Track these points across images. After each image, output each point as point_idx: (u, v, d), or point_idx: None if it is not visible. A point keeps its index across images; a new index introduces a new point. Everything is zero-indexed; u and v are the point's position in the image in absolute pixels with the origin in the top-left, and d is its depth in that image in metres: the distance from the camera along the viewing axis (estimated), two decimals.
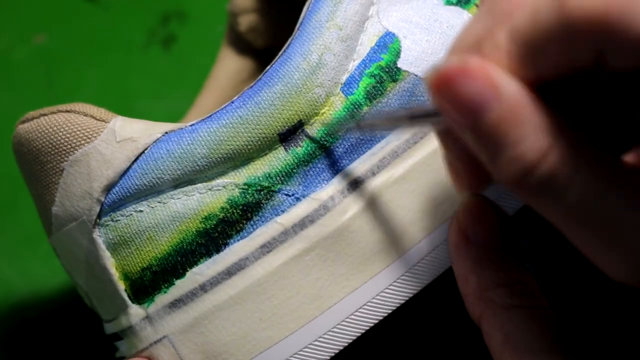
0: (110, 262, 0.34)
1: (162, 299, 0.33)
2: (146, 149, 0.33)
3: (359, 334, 0.34)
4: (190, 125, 0.33)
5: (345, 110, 0.34)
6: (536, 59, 0.26)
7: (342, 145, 0.34)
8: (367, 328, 0.34)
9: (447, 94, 0.26)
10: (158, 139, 0.33)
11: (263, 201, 0.33)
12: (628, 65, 0.25)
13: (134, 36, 0.56)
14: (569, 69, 0.26)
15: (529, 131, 0.25)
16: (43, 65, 0.55)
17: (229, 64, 0.45)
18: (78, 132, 0.33)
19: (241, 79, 0.44)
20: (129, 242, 0.33)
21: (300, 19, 0.34)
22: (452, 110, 0.26)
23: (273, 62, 0.34)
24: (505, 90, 0.25)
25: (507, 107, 0.25)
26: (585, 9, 0.24)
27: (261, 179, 0.33)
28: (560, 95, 0.26)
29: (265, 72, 0.34)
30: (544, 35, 0.25)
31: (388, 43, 0.35)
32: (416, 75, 0.34)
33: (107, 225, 0.33)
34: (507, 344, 0.30)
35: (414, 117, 0.29)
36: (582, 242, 0.27)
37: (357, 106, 0.34)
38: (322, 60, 0.34)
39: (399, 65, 0.34)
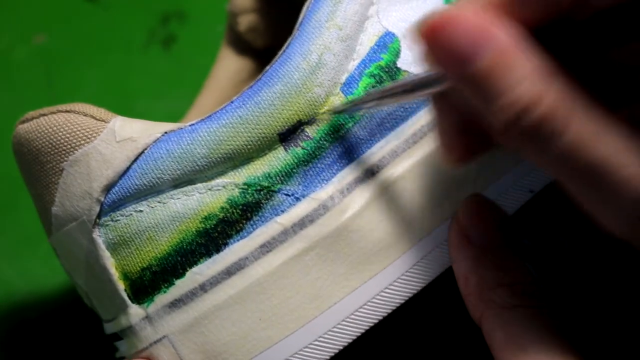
0: (110, 262, 0.34)
1: (162, 298, 0.33)
2: (146, 149, 0.33)
3: (359, 334, 0.34)
4: (190, 125, 0.33)
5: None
6: (517, 3, 0.26)
7: (342, 145, 0.34)
8: (367, 328, 0.34)
9: (437, 43, 0.26)
10: (158, 139, 0.33)
11: (263, 201, 0.33)
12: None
13: (134, 36, 0.56)
14: (551, 12, 0.26)
15: (522, 75, 0.25)
16: (43, 65, 0.55)
17: (229, 64, 0.45)
18: (78, 132, 0.33)
19: (241, 79, 0.44)
20: (128, 242, 0.33)
21: (300, 19, 0.34)
22: (444, 59, 0.26)
23: (273, 62, 0.34)
24: (496, 35, 0.25)
25: (498, 52, 0.25)
26: None
27: (261, 178, 0.33)
28: (554, 41, 0.26)
29: (265, 72, 0.34)
30: None
31: (388, 43, 0.35)
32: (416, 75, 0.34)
33: (107, 225, 0.33)
34: (508, 343, 0.30)
35: (413, 87, 0.29)
36: (575, 191, 0.27)
37: None
38: (321, 60, 0.34)
39: (398, 65, 0.34)
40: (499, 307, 0.31)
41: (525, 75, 0.25)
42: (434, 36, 0.26)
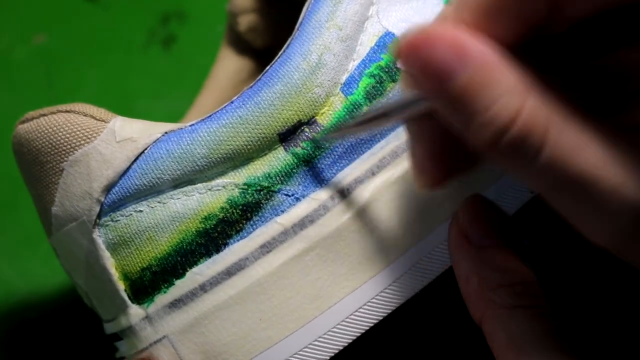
0: (110, 262, 0.34)
1: (162, 299, 0.33)
2: (146, 149, 0.33)
3: (359, 334, 0.34)
4: (190, 126, 0.33)
5: (345, 110, 0.34)
6: (493, 20, 0.26)
7: (342, 146, 0.34)
8: (367, 328, 0.34)
9: (414, 61, 0.25)
10: (158, 139, 0.33)
11: (263, 201, 0.33)
12: (580, 11, 0.25)
13: (134, 36, 0.56)
14: (526, 27, 0.26)
15: (499, 92, 0.25)
16: (43, 65, 0.55)
17: (229, 64, 0.45)
18: (78, 132, 0.33)
19: (241, 79, 0.45)
20: (128, 242, 0.33)
21: (300, 19, 0.34)
22: (422, 78, 0.26)
23: (273, 62, 0.34)
24: (473, 52, 0.25)
25: (475, 69, 0.25)
26: None
27: (261, 179, 0.33)
28: (532, 54, 0.26)
29: (265, 72, 0.34)
30: None
31: (388, 43, 0.35)
32: None
33: (107, 225, 0.33)
34: (509, 344, 0.30)
35: (389, 112, 0.29)
36: (559, 205, 0.27)
37: (356, 106, 0.34)
38: (321, 61, 0.34)
39: (398, 66, 0.34)
40: (500, 308, 0.31)
41: (502, 91, 0.25)
42: (411, 54, 0.25)
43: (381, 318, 0.34)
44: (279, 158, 0.34)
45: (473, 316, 0.32)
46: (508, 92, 0.25)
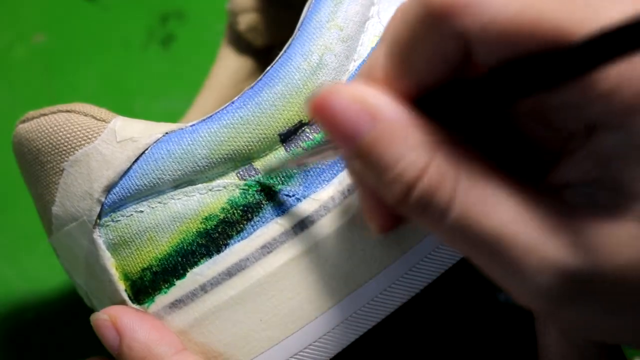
0: (110, 263, 0.33)
1: (163, 299, 0.33)
2: (147, 149, 0.33)
3: (360, 334, 0.34)
4: (191, 126, 0.33)
5: None
6: (410, 62, 0.26)
7: None
8: (368, 328, 0.34)
9: (324, 119, 0.26)
10: (159, 139, 0.33)
11: (263, 202, 0.33)
12: (492, 56, 0.25)
13: (133, 35, 0.56)
14: (443, 70, 0.26)
15: (406, 148, 0.25)
16: (42, 65, 0.55)
17: (229, 63, 0.45)
18: (78, 132, 0.33)
19: (241, 78, 0.44)
20: (129, 243, 0.33)
21: (301, 20, 0.34)
22: (333, 134, 0.26)
23: (274, 62, 0.34)
24: (377, 108, 0.26)
25: (381, 127, 0.25)
26: None
27: (262, 179, 0.33)
28: (443, 105, 0.26)
29: (266, 73, 0.34)
30: (410, 32, 0.26)
31: None
32: None
33: (108, 225, 0.33)
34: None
35: (319, 151, 0.30)
36: (479, 265, 0.27)
37: None
38: (322, 61, 0.34)
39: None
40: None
41: (406, 149, 0.25)
42: (319, 113, 0.26)
43: (383, 317, 0.34)
44: (280, 158, 0.34)
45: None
46: (415, 148, 0.25)
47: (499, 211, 0.25)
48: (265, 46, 0.45)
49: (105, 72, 0.54)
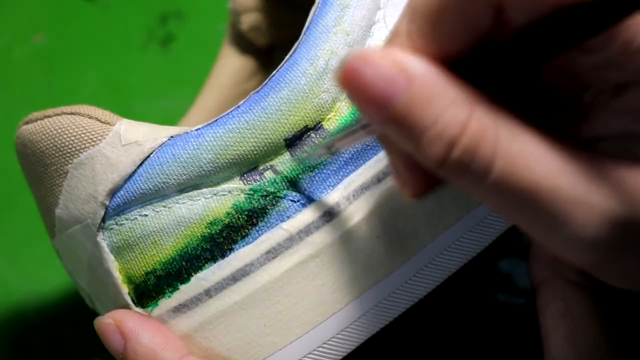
0: (114, 266, 0.33)
1: (166, 303, 0.33)
2: (152, 153, 0.33)
3: (364, 340, 0.34)
4: (196, 130, 0.33)
5: (352, 115, 0.34)
6: (440, 30, 0.25)
7: (348, 151, 0.34)
8: (372, 333, 0.34)
9: (355, 88, 0.25)
10: (164, 143, 0.33)
11: (268, 207, 0.33)
12: (526, 16, 0.24)
13: (133, 36, 0.55)
14: (473, 35, 0.25)
15: (444, 105, 0.24)
16: (42, 65, 0.55)
17: (231, 63, 0.45)
18: (83, 135, 0.33)
19: (242, 78, 0.44)
20: (133, 246, 0.33)
21: (307, 24, 0.34)
22: (365, 104, 0.25)
23: (280, 66, 0.34)
24: (411, 70, 0.25)
25: (416, 87, 0.24)
26: None
27: (267, 184, 0.33)
28: (476, 69, 0.26)
29: (272, 77, 0.34)
30: (443, 2, 0.25)
31: None
32: None
33: (112, 229, 0.33)
34: (565, 316, 0.30)
35: (351, 132, 0.29)
36: (523, 224, 0.26)
37: None
38: (328, 66, 0.34)
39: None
40: (566, 280, 0.31)
41: (445, 106, 0.25)
42: (349, 83, 0.25)
43: (388, 322, 0.34)
44: (285, 163, 0.33)
45: (533, 277, 0.31)
46: (453, 104, 0.25)
47: (541, 164, 0.25)
48: (267, 46, 0.45)
49: (105, 72, 0.54)
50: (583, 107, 0.28)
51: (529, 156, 0.25)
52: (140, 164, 0.33)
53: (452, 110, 0.25)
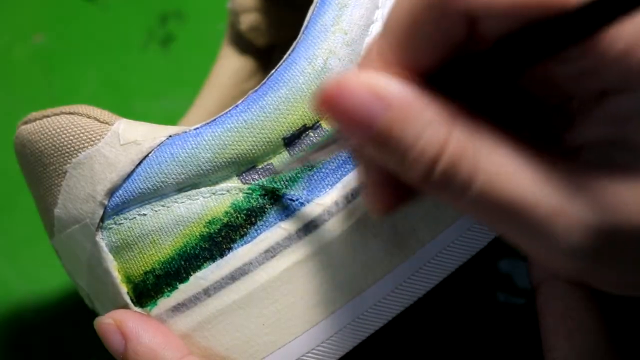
0: (113, 265, 0.33)
1: (165, 302, 0.33)
2: (150, 152, 0.33)
3: (363, 338, 0.34)
4: (195, 129, 0.33)
5: None
6: (415, 45, 0.26)
7: (347, 150, 0.34)
8: (371, 332, 0.34)
9: (335, 112, 0.25)
10: (162, 142, 0.33)
11: (267, 206, 0.33)
12: (500, 27, 0.25)
13: (133, 36, 0.55)
14: (448, 46, 0.26)
15: (423, 125, 0.25)
16: (42, 65, 0.55)
17: (230, 63, 0.45)
18: (81, 135, 0.33)
19: (242, 78, 0.44)
20: (132, 246, 0.33)
21: (305, 23, 0.34)
22: (346, 128, 0.26)
23: (278, 65, 0.34)
24: (388, 92, 0.25)
25: (393, 108, 0.25)
26: None
27: (265, 183, 0.33)
28: (454, 81, 0.26)
29: (270, 76, 0.34)
30: (416, 18, 0.25)
31: None
32: None
33: (110, 228, 0.33)
34: (565, 316, 0.31)
35: (330, 143, 0.29)
36: (507, 237, 0.27)
37: None
38: (327, 65, 0.34)
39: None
40: (565, 280, 0.31)
41: (423, 127, 0.25)
42: (330, 107, 0.25)
43: (386, 322, 0.34)
44: (283, 162, 0.33)
45: (532, 275, 0.32)
46: (431, 124, 0.25)
47: (521, 177, 0.25)
48: (266, 46, 0.45)
49: (104, 72, 0.54)
50: (568, 115, 0.28)
51: (508, 170, 0.25)
52: (139, 164, 0.33)
53: (431, 130, 0.25)
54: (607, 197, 0.26)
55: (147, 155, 0.33)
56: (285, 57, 0.34)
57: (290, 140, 0.33)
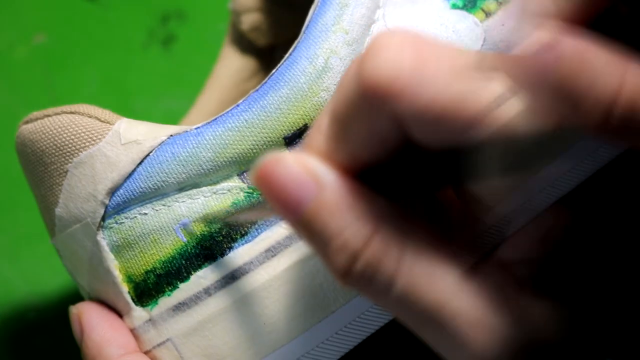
0: (114, 265, 0.33)
1: (166, 302, 0.33)
2: (151, 151, 0.33)
3: (364, 337, 0.34)
4: (196, 129, 0.33)
5: None
6: (349, 137, 0.26)
7: None
8: (372, 331, 0.34)
9: (267, 188, 0.26)
10: (163, 141, 0.33)
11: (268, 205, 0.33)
12: (435, 141, 0.25)
13: (134, 36, 0.55)
14: (382, 145, 0.26)
15: (349, 219, 0.25)
16: (43, 65, 0.55)
17: (231, 63, 0.45)
18: (82, 134, 0.33)
19: (243, 78, 0.44)
20: (133, 245, 0.33)
21: (306, 22, 0.34)
22: (276, 204, 0.26)
23: (279, 65, 0.34)
24: (322, 180, 0.25)
25: (324, 197, 0.25)
26: (376, 75, 0.24)
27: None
28: (384, 181, 0.26)
29: (271, 76, 0.34)
30: (348, 108, 0.25)
31: None
32: None
33: (112, 227, 0.33)
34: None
35: (255, 210, 0.30)
36: (427, 339, 0.27)
37: None
38: (328, 64, 0.34)
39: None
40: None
41: (349, 221, 0.25)
42: (262, 182, 0.26)
43: (387, 321, 0.34)
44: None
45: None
46: (357, 220, 0.25)
47: (443, 285, 0.26)
48: (268, 46, 0.45)
49: (106, 72, 0.54)
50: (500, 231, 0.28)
51: (431, 276, 0.26)
52: (140, 163, 0.33)
53: (356, 226, 0.25)
54: (524, 312, 0.26)
55: (148, 155, 0.33)
56: (286, 56, 0.34)
57: (291, 140, 0.33)
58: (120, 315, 0.34)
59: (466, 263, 0.26)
